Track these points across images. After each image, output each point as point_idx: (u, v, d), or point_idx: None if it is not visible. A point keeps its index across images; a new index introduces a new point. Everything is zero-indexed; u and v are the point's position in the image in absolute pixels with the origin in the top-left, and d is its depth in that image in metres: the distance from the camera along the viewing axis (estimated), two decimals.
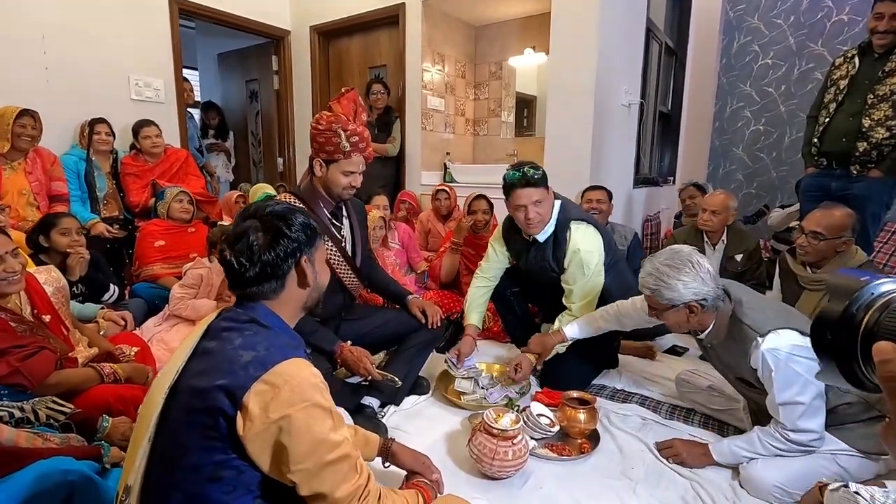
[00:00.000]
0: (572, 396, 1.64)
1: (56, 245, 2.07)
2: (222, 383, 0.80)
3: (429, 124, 3.88)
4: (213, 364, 0.84)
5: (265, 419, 0.78)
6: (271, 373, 0.81)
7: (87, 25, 3.18)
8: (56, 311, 1.72)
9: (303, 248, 0.96)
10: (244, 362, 0.82)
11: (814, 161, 2.61)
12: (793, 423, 1.30)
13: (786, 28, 4.94)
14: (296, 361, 0.84)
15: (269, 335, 0.89)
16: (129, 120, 3.24)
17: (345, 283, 1.74)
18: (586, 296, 1.92)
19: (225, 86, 5.21)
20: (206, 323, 0.94)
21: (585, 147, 3.02)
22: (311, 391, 0.82)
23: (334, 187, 1.66)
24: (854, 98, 2.39)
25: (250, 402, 0.79)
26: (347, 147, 1.61)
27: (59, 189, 2.80)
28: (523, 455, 1.39)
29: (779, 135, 5.05)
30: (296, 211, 0.99)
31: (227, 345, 0.86)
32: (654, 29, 3.83)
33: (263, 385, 0.80)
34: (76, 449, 1.23)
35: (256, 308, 0.95)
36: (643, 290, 1.44)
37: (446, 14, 3.89)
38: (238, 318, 0.92)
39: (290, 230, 0.95)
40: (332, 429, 0.84)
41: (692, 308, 1.36)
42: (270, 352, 0.84)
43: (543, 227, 1.88)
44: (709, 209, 2.54)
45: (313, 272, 1.00)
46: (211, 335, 0.91)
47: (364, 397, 1.72)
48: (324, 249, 1.06)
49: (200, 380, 0.83)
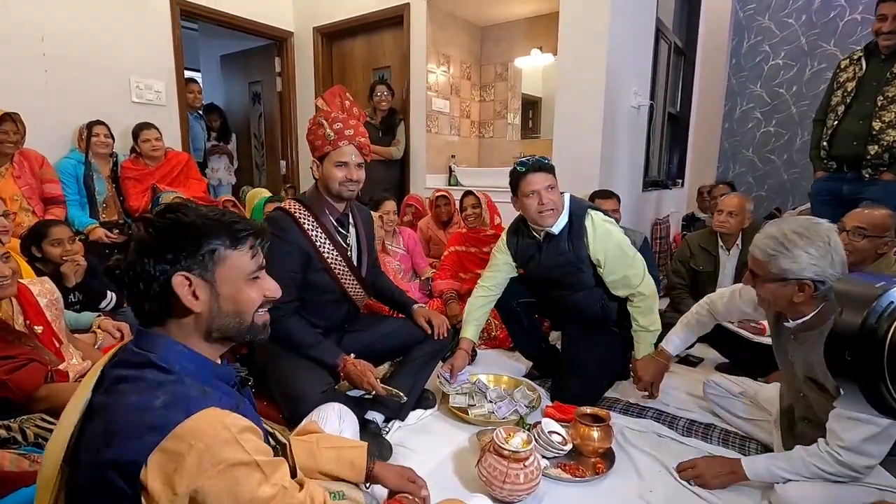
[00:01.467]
0: (585, 413, 1.56)
1: (48, 255, 2.01)
2: (113, 458, 0.65)
3: (433, 126, 3.82)
4: (103, 430, 0.68)
5: (171, 496, 0.63)
6: (171, 437, 0.65)
7: (87, 27, 3.13)
8: (49, 323, 1.66)
9: (178, 263, 0.75)
10: (138, 427, 0.66)
11: (823, 165, 2.55)
12: (855, 443, 1.15)
13: (797, 28, 4.85)
14: (202, 415, 0.67)
15: (169, 383, 0.72)
16: (130, 122, 3.19)
17: (349, 293, 1.67)
18: (643, 277, 1.82)
19: (227, 88, 5.17)
20: (100, 367, 0.77)
21: (595, 149, 2.95)
22: (226, 450, 0.66)
23: (332, 184, 1.60)
24: (863, 101, 2.35)
25: (149, 481, 0.64)
26: (332, 135, 1.57)
27: (52, 191, 2.74)
28: (536, 477, 1.31)
29: (790, 136, 4.97)
30: (186, 219, 0.77)
31: (119, 402, 0.70)
32: (663, 29, 3.75)
33: (162, 455, 0.64)
34: None
35: (155, 343, 0.76)
36: (754, 252, 1.26)
37: (451, 14, 3.83)
38: (132, 361, 0.74)
39: (158, 243, 0.75)
40: (262, 481, 0.68)
41: (804, 287, 1.18)
42: (169, 409, 0.67)
43: (558, 216, 1.81)
44: (725, 210, 2.46)
45: (209, 294, 0.78)
46: (105, 385, 0.74)
47: (368, 412, 1.65)
48: (243, 264, 0.80)
49: (90, 452, 0.68)
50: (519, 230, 1.96)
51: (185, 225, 0.76)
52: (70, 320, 1.98)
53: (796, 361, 1.33)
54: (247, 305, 0.81)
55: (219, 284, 0.78)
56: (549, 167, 1.80)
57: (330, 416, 1.26)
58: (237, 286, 0.80)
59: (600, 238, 1.80)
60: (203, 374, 0.77)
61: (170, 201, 2.71)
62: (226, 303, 0.79)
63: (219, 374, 0.81)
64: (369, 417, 1.64)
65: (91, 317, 2.07)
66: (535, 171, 1.76)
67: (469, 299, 2.05)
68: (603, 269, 1.83)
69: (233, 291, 0.79)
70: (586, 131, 2.96)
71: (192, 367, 0.77)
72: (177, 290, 0.75)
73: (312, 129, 1.61)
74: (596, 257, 1.82)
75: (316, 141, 1.60)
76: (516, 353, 2.33)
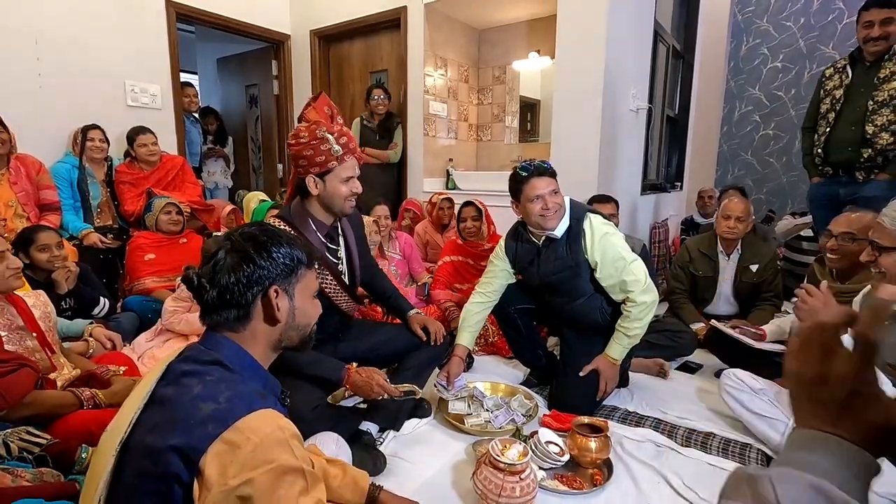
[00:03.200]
0: (583, 423, 1.54)
1: (36, 262, 1.98)
2: (177, 443, 0.69)
3: (431, 130, 3.80)
4: (168, 417, 0.74)
5: (223, 485, 0.67)
6: (232, 429, 0.70)
7: (82, 30, 3.11)
8: (42, 332, 1.64)
9: (275, 277, 0.85)
10: (202, 417, 0.71)
11: (819, 171, 2.60)
12: None
13: (795, 31, 4.85)
14: (262, 414, 0.73)
15: (234, 381, 0.78)
16: (125, 127, 3.17)
17: (339, 306, 1.64)
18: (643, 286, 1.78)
19: (224, 91, 5.15)
20: (166, 362, 0.83)
21: (593, 153, 2.93)
22: (278, 450, 0.71)
23: (336, 200, 1.53)
24: (853, 106, 2.39)
25: (207, 466, 0.68)
26: (339, 151, 1.50)
27: (48, 198, 2.72)
28: (532, 491, 1.28)
29: (789, 139, 4.96)
30: (281, 238, 0.88)
31: (186, 394, 0.75)
32: (661, 31, 3.74)
33: (222, 445, 0.69)
34: (48, 486, 1.14)
35: (222, 345, 0.84)
36: (882, 222, 1.28)
37: (449, 17, 3.81)
38: (200, 359, 0.81)
39: (259, 255, 0.84)
40: (304, 491, 0.72)
41: None
42: (233, 403, 0.73)
43: (560, 219, 1.79)
44: (733, 216, 2.43)
45: (289, 307, 0.88)
46: (169, 379, 0.80)
47: (361, 423, 1.62)
48: (312, 283, 0.93)
49: (154, 437, 0.72)
50: (518, 235, 1.94)
51: (282, 243, 0.87)
52: (62, 328, 1.95)
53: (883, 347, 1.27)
54: (312, 319, 0.94)
55: (297, 299, 0.89)
56: (551, 171, 1.79)
57: (327, 443, 1.27)
58: (308, 301, 0.92)
59: (598, 241, 1.78)
60: (259, 381, 0.85)
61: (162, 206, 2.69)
62: (300, 315, 0.90)
63: (270, 385, 0.88)
64: (363, 428, 1.61)
65: (83, 324, 2.04)
66: (539, 176, 1.75)
67: (466, 305, 2.01)
68: (600, 273, 1.81)
69: (305, 306, 0.91)
70: (584, 134, 2.94)
71: (250, 372, 0.84)
72: (272, 300, 0.85)
73: (312, 143, 1.47)
74: (593, 259, 1.80)
75: (318, 157, 1.48)
76: (514, 360, 2.30)
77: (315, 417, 1.40)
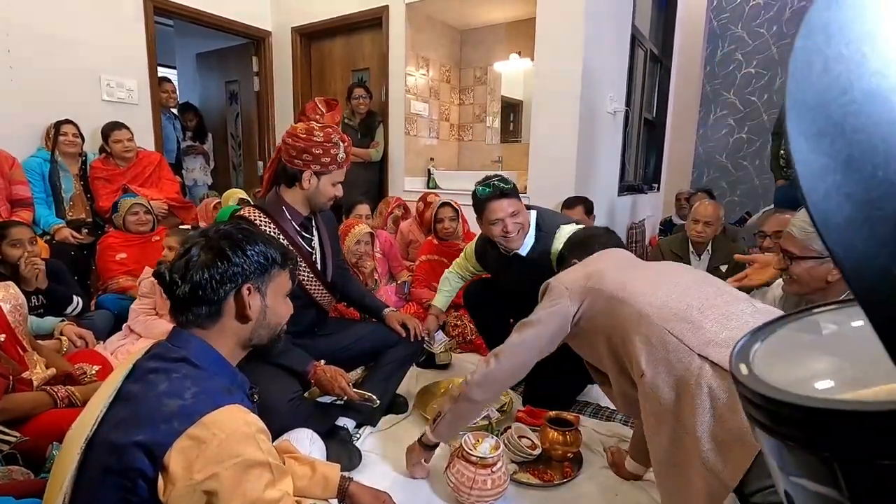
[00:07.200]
0: (554, 417, 1.58)
1: (7, 257, 1.95)
2: (141, 440, 0.70)
3: (412, 129, 3.81)
4: (133, 414, 0.75)
5: (188, 480, 0.69)
6: (198, 425, 0.71)
7: (55, 22, 3.04)
8: (12, 329, 1.60)
9: (248, 275, 0.86)
10: (167, 413, 0.72)
11: (783, 174, 2.69)
12: None
13: (768, 38, 4.99)
14: (228, 410, 0.74)
15: (201, 378, 0.79)
16: (101, 122, 3.11)
17: (315, 298, 1.66)
18: None
19: (203, 86, 5.09)
20: (133, 359, 0.84)
21: (570, 154, 2.98)
22: (244, 444, 0.72)
23: (321, 198, 1.59)
24: None
25: (172, 462, 0.69)
26: (343, 157, 1.57)
27: (20, 193, 2.67)
28: (503, 483, 1.32)
29: (761, 143, 5.10)
30: (254, 236, 0.90)
31: (151, 390, 0.76)
32: (639, 36, 3.82)
33: (188, 440, 0.70)
34: (17, 484, 1.13)
35: (190, 342, 0.85)
36: (791, 231, 1.26)
37: (431, 17, 3.83)
38: (167, 356, 0.82)
39: (234, 253, 0.85)
40: (270, 484, 0.74)
41: None
42: (198, 399, 0.74)
43: (524, 239, 1.81)
44: (702, 220, 2.51)
45: (260, 305, 0.89)
46: (136, 376, 0.81)
47: (339, 418, 1.63)
48: (284, 282, 0.95)
49: (118, 433, 0.73)
50: (487, 246, 1.97)
51: (257, 242, 0.89)
52: (31, 326, 1.92)
53: None
54: (283, 318, 0.95)
55: (269, 298, 0.90)
56: (511, 191, 1.75)
57: (301, 440, 1.28)
58: (280, 301, 0.93)
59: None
60: (227, 378, 0.86)
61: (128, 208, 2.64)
62: (270, 314, 0.91)
63: (238, 381, 0.89)
64: (340, 424, 1.62)
65: (54, 322, 2.01)
66: (498, 199, 1.72)
67: (445, 273, 2.14)
68: None
69: (276, 305, 0.92)
70: (562, 135, 2.99)
71: (218, 368, 0.85)
72: (245, 298, 0.86)
73: (325, 144, 1.51)
74: None
75: (324, 157, 1.52)
76: None
77: (291, 409, 1.41)
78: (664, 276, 1.16)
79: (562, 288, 1.23)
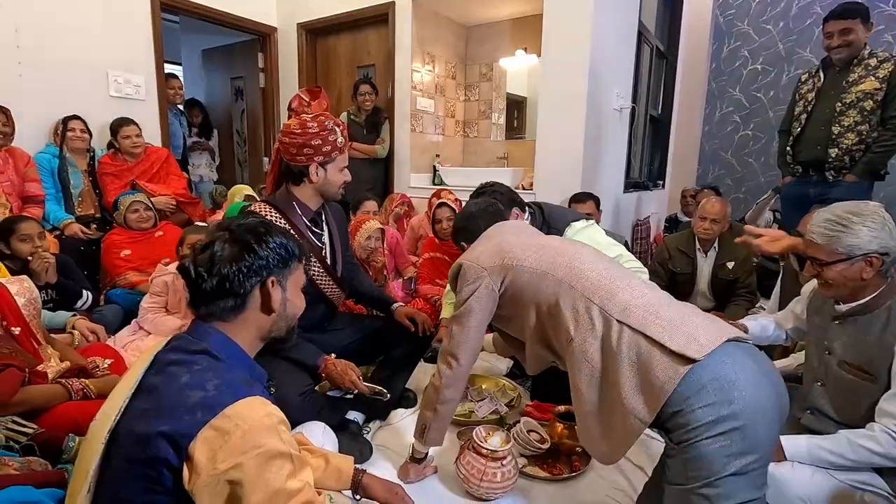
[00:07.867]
0: (562, 411, 1.59)
1: (17, 252, 1.96)
2: (165, 430, 0.72)
3: (418, 126, 3.82)
4: (156, 405, 0.76)
5: (213, 469, 0.70)
6: (221, 416, 0.73)
7: (64, 18, 3.05)
8: (27, 323, 1.62)
9: (272, 268, 0.89)
10: (191, 405, 0.74)
11: (790, 170, 2.69)
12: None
13: (775, 34, 4.96)
14: (249, 401, 0.76)
15: (222, 370, 0.81)
16: (108, 117, 3.13)
17: (325, 293, 1.67)
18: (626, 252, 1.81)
19: (209, 83, 5.10)
20: (153, 352, 0.85)
21: (577, 151, 2.98)
22: (266, 435, 0.74)
23: (332, 187, 1.60)
24: (823, 108, 2.50)
25: (196, 452, 0.71)
26: (342, 141, 1.58)
27: (32, 190, 2.70)
28: (512, 476, 1.34)
29: (767, 140, 5.08)
30: (274, 230, 0.92)
31: (173, 382, 0.78)
32: (645, 32, 3.81)
33: (211, 431, 0.72)
34: (36, 475, 1.15)
35: (210, 334, 0.86)
36: (812, 238, 1.24)
37: (436, 13, 3.83)
38: (187, 348, 0.84)
39: (259, 246, 0.87)
40: (291, 474, 0.76)
41: (871, 261, 1.18)
42: (221, 391, 0.76)
43: None
44: (709, 217, 2.51)
45: (282, 298, 0.91)
46: (157, 368, 0.82)
47: (348, 412, 1.65)
48: (301, 276, 0.98)
49: (142, 424, 0.75)
50: None
51: (278, 235, 0.91)
52: (44, 320, 1.94)
53: (835, 346, 1.30)
54: (299, 311, 0.98)
55: (289, 290, 0.93)
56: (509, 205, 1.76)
57: (314, 432, 1.30)
58: (297, 293, 0.96)
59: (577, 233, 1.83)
60: (245, 370, 0.87)
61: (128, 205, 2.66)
62: (290, 306, 0.94)
63: (256, 374, 0.91)
64: (350, 417, 1.64)
65: (66, 316, 2.03)
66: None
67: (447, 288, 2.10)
68: None
69: (294, 298, 0.95)
70: (568, 132, 2.99)
71: (237, 361, 0.86)
72: (270, 291, 0.89)
73: (322, 133, 1.52)
74: None
75: (325, 147, 1.53)
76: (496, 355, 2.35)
77: (302, 403, 1.43)
78: (570, 249, 1.28)
79: (478, 268, 1.30)
